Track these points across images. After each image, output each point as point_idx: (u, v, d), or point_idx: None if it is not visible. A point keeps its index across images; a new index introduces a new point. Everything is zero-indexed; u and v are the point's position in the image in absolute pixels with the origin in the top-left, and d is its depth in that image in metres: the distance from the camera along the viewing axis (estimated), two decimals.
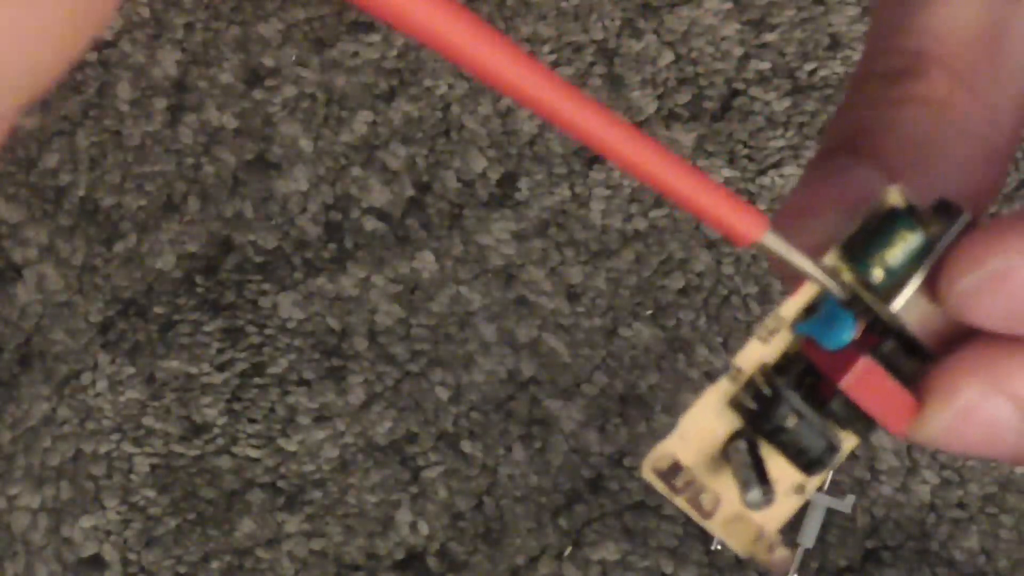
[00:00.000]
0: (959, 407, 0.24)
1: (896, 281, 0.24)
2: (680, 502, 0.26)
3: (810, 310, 0.25)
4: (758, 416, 0.25)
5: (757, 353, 0.25)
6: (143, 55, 0.85)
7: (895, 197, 0.24)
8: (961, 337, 0.24)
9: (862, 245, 0.24)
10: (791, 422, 0.25)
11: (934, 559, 0.77)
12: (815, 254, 0.25)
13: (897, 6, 0.27)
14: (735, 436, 0.26)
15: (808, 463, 0.25)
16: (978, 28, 0.27)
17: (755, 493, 0.25)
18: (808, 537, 0.76)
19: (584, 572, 0.78)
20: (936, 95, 0.26)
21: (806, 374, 0.25)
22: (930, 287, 0.24)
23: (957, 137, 0.26)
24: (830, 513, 0.77)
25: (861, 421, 0.25)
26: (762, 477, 0.25)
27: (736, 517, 0.26)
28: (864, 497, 0.78)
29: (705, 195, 0.23)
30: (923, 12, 0.27)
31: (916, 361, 0.25)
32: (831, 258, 0.25)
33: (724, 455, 0.26)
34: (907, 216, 0.24)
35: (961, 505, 0.78)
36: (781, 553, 0.26)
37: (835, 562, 0.77)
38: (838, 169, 0.26)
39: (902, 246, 0.24)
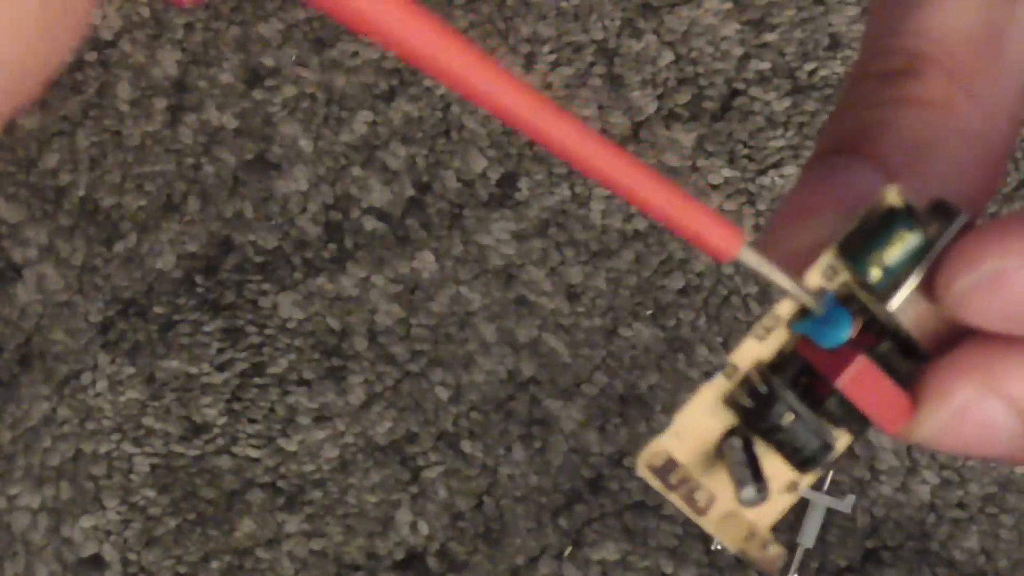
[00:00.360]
0: (954, 408, 0.24)
1: (893, 281, 0.24)
2: (674, 498, 0.26)
3: (807, 309, 0.25)
4: (753, 414, 0.25)
5: (753, 351, 0.25)
6: (143, 55, 0.85)
7: (893, 197, 0.24)
8: (956, 337, 0.24)
9: (860, 244, 0.24)
10: (786, 420, 0.25)
11: (934, 559, 0.77)
12: (813, 254, 0.25)
13: (894, 7, 0.27)
14: (730, 433, 0.26)
15: (802, 461, 0.25)
16: (975, 29, 0.27)
17: (749, 491, 0.25)
18: (808, 537, 0.76)
19: (584, 572, 0.78)
20: (933, 96, 0.26)
21: (802, 373, 0.25)
22: (927, 287, 0.24)
23: (955, 138, 0.26)
24: (830, 513, 0.76)
25: (856, 420, 0.25)
26: (756, 475, 0.25)
27: (729, 514, 0.26)
28: (864, 497, 0.78)
29: (681, 210, 0.23)
30: (920, 13, 0.27)
31: (912, 361, 0.25)
32: (828, 257, 0.25)
33: (718, 452, 0.26)
34: (905, 216, 0.24)
35: (961, 505, 0.78)
36: (774, 551, 0.26)
37: (835, 562, 0.77)
38: (836, 169, 0.26)
39: (900, 246, 0.24)
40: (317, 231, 0.82)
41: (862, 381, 0.24)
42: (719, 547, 0.77)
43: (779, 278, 0.24)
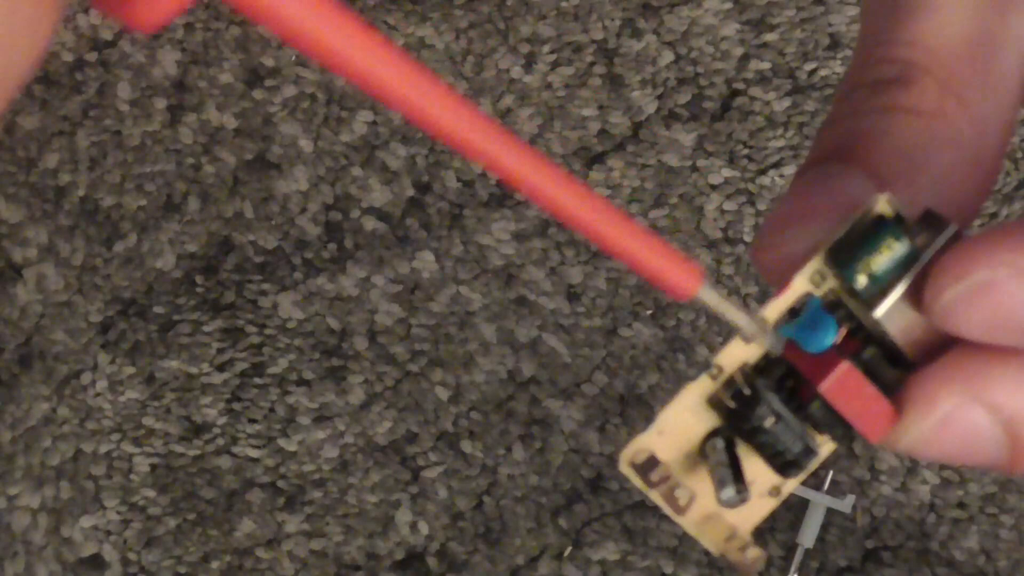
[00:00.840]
0: (938, 417, 0.24)
1: (880, 289, 0.24)
2: (655, 496, 0.26)
3: (794, 313, 0.25)
4: (736, 415, 0.25)
5: (739, 352, 0.26)
6: (143, 55, 0.85)
7: (883, 205, 0.25)
8: (942, 347, 0.24)
9: (848, 251, 0.24)
10: (769, 423, 0.25)
11: (934, 559, 0.77)
12: (803, 260, 0.25)
13: (885, 16, 0.27)
14: (713, 434, 0.26)
15: (784, 465, 0.25)
16: (967, 38, 0.27)
17: (729, 491, 0.25)
18: (808, 537, 0.76)
19: (584, 572, 0.78)
20: (926, 105, 0.26)
21: (787, 376, 0.26)
22: (915, 297, 0.24)
23: (946, 147, 0.26)
24: (830, 513, 0.76)
25: (839, 426, 0.25)
26: (737, 476, 0.25)
27: (710, 516, 0.26)
28: (864, 497, 0.78)
29: (640, 247, 0.22)
30: (912, 22, 0.27)
31: (898, 369, 0.25)
32: (816, 262, 0.25)
33: (701, 453, 0.26)
34: (894, 224, 0.24)
35: (961, 505, 0.78)
36: (753, 554, 0.26)
37: (835, 562, 0.77)
38: (828, 177, 0.26)
39: (888, 254, 0.24)
40: (317, 231, 0.82)
41: (845, 387, 0.24)
42: None
43: (738, 318, 0.24)
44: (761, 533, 0.77)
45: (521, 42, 0.85)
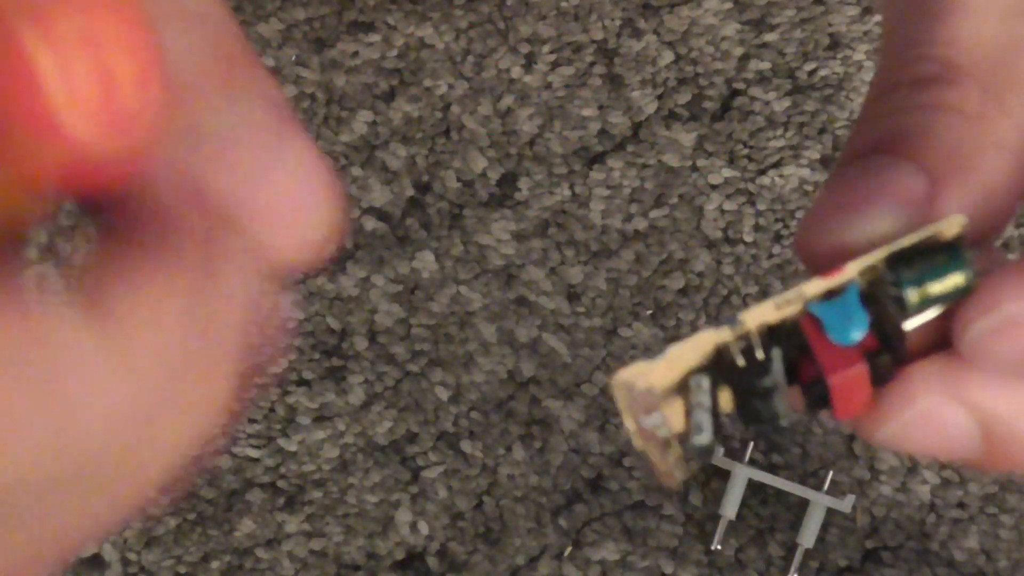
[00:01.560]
0: (916, 412, 0.24)
1: (923, 308, 0.25)
2: (630, 421, 0.26)
3: (832, 293, 0.26)
4: (740, 372, 0.26)
5: (765, 315, 0.26)
6: None
7: (956, 228, 0.25)
8: (933, 349, 0.25)
9: (912, 266, 0.25)
10: (768, 391, 0.25)
11: (934, 559, 0.77)
12: (857, 250, 0.25)
13: (917, 15, 0.27)
14: (698, 370, 0.26)
15: (753, 420, 0.26)
16: (999, 42, 0.27)
17: (705, 438, 0.25)
18: (808, 537, 0.76)
19: (584, 572, 0.78)
20: (969, 106, 0.26)
21: (794, 347, 0.26)
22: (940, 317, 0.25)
23: (991, 150, 0.26)
24: (830, 513, 0.76)
25: (819, 405, 0.26)
26: (717, 426, 0.26)
27: (665, 441, 0.26)
28: (864, 497, 0.78)
29: None
30: (947, 24, 0.27)
31: (895, 367, 0.25)
32: (874, 258, 0.25)
33: (682, 385, 0.26)
34: (964, 258, 0.25)
35: (961, 505, 0.78)
36: (680, 471, 0.26)
37: (835, 562, 0.77)
38: (881, 167, 0.26)
39: (950, 284, 0.25)
40: None
41: (853, 387, 0.25)
42: (719, 547, 0.77)
43: None
44: (761, 533, 0.77)
45: (521, 42, 0.85)
